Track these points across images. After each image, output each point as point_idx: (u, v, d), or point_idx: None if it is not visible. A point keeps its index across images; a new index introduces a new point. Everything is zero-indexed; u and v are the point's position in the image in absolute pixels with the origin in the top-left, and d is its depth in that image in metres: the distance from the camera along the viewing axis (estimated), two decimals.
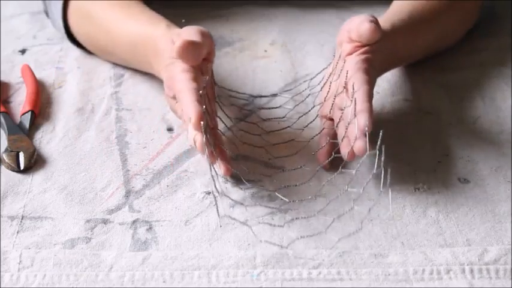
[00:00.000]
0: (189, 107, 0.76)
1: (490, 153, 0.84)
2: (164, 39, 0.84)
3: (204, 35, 0.82)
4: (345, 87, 0.81)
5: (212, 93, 0.84)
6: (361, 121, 0.77)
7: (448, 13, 0.95)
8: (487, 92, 0.95)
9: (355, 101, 0.78)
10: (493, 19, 1.08)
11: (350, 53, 0.83)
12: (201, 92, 0.78)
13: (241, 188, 0.79)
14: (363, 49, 0.83)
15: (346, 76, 0.81)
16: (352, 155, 0.78)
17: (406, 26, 0.89)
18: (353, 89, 0.79)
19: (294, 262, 0.71)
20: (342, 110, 0.81)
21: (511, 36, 1.05)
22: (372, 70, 0.83)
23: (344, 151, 0.79)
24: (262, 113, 0.91)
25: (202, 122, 0.75)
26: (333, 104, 0.83)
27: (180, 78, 0.80)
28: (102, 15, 0.94)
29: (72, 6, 0.98)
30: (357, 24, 0.83)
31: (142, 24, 0.89)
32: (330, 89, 0.84)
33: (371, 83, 0.81)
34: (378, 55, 0.84)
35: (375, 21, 0.83)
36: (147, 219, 0.76)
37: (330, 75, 0.85)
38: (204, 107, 0.77)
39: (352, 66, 0.81)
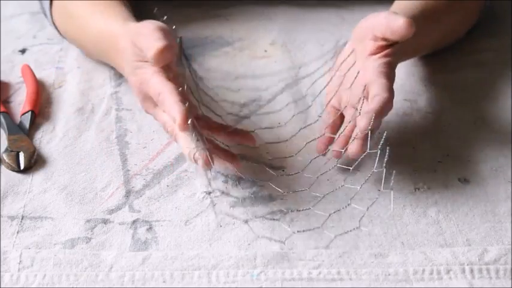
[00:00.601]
0: (172, 108, 0.75)
1: (490, 153, 0.84)
2: (122, 37, 0.83)
3: (165, 31, 0.79)
4: (364, 89, 0.80)
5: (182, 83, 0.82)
6: (363, 123, 0.77)
7: (454, 11, 0.95)
8: (487, 92, 0.95)
9: (363, 100, 0.78)
10: (493, 19, 1.08)
11: (373, 53, 0.82)
12: (180, 89, 0.76)
13: (241, 188, 0.79)
14: (387, 51, 0.82)
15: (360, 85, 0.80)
16: (337, 155, 0.80)
17: (416, 22, 0.88)
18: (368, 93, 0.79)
19: (294, 262, 0.71)
20: (355, 109, 0.80)
21: (511, 36, 1.05)
22: (393, 75, 0.82)
23: (336, 151, 0.80)
24: (262, 113, 0.91)
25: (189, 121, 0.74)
26: (334, 94, 0.82)
27: (154, 81, 0.78)
28: (75, 11, 0.94)
29: (54, 4, 0.99)
30: (387, 21, 0.81)
31: (104, 20, 0.88)
32: (342, 81, 0.84)
33: (392, 91, 0.79)
34: (399, 57, 0.83)
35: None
36: (147, 219, 0.76)
37: (340, 65, 0.84)
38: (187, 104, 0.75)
39: (375, 69, 0.80)
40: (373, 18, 0.83)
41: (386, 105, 0.78)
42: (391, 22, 0.81)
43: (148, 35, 0.79)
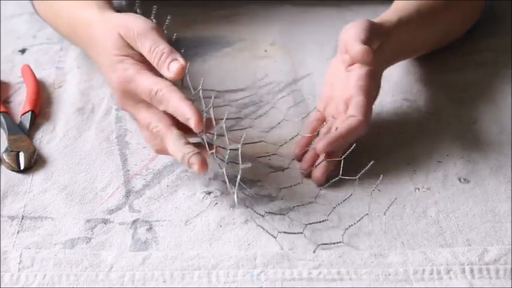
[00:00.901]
0: (182, 106, 0.73)
1: (490, 153, 0.84)
2: (99, 26, 0.81)
3: (159, 32, 0.78)
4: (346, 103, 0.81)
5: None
6: (320, 145, 0.78)
7: (453, 10, 0.95)
8: (487, 92, 0.95)
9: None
10: (493, 19, 1.08)
11: (350, 65, 0.83)
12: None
13: (241, 188, 0.79)
14: None
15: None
16: (305, 174, 0.80)
17: (413, 21, 0.88)
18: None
19: (294, 262, 0.71)
20: (334, 118, 0.81)
21: (511, 36, 1.05)
22: (375, 85, 0.82)
23: (303, 166, 0.80)
24: (261, 113, 0.91)
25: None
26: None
27: (144, 78, 0.76)
28: None
29: None
30: (350, 42, 0.81)
31: (78, 6, 0.87)
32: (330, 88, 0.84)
33: (368, 113, 0.80)
34: (382, 64, 0.83)
35: (366, 39, 0.81)
36: (147, 219, 0.76)
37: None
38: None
39: (355, 81, 0.81)
40: (348, 31, 0.83)
41: (358, 128, 0.79)
42: (351, 46, 0.81)
43: (151, 37, 0.77)
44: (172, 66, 0.75)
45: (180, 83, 0.80)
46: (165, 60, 0.76)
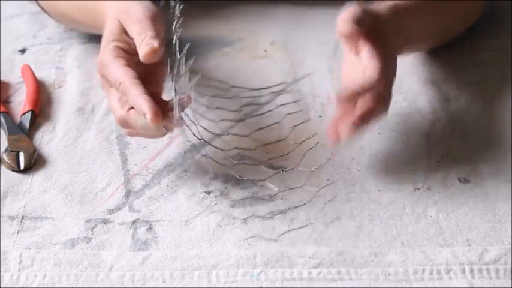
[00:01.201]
0: (139, 101, 0.73)
1: (490, 153, 0.84)
2: (107, 10, 0.82)
3: (154, 19, 0.78)
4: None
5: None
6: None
7: (453, 4, 0.94)
8: (487, 92, 0.95)
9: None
10: (493, 19, 1.08)
11: (355, 46, 0.81)
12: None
13: (241, 188, 0.79)
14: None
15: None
16: (333, 136, 0.78)
17: (412, 6, 0.86)
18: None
19: (294, 262, 0.71)
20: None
21: (511, 36, 1.05)
22: (386, 55, 0.79)
23: (331, 132, 0.78)
24: (261, 113, 0.91)
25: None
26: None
27: (114, 66, 0.77)
28: None
29: None
30: (338, 23, 0.80)
31: None
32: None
33: (383, 70, 0.76)
34: (382, 38, 0.81)
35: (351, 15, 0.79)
36: (147, 219, 0.76)
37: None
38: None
39: (366, 56, 0.78)
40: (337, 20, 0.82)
41: (373, 73, 0.75)
42: (338, 25, 0.79)
43: (145, 23, 0.77)
44: (146, 48, 0.76)
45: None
46: (143, 42, 0.76)
